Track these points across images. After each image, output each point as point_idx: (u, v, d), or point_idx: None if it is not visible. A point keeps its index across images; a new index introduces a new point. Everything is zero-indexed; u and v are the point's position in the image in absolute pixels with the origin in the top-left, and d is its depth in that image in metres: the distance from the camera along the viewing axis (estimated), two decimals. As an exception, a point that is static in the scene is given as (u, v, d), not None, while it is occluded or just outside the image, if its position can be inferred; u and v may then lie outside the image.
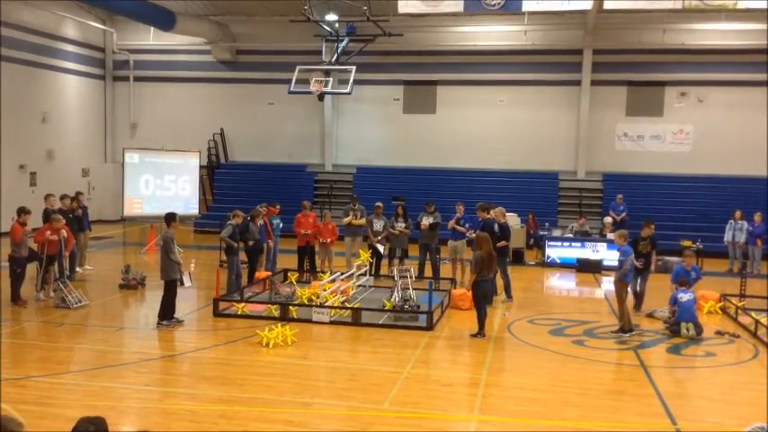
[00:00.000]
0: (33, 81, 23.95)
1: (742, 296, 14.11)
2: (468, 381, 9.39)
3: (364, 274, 14.97)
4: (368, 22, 18.60)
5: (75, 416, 4.47)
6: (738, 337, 11.88)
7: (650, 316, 13.08)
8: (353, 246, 16.44)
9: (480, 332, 11.34)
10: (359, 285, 14.57)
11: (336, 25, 20.56)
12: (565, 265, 18.90)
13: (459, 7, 20.31)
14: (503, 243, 13.98)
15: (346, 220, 16.55)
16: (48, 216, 14.18)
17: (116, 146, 27.76)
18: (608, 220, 20.47)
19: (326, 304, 12.53)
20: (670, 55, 24.17)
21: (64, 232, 13.46)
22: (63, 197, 15.84)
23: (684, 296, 12.10)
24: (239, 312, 12.39)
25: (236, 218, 14.35)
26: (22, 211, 13.18)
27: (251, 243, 14.66)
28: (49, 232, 13.14)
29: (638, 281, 13.62)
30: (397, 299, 12.75)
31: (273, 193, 21.92)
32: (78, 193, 16.94)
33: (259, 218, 15.24)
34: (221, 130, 27.47)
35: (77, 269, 15.91)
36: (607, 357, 10.63)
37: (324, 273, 15.56)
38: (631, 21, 23.34)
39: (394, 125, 26.56)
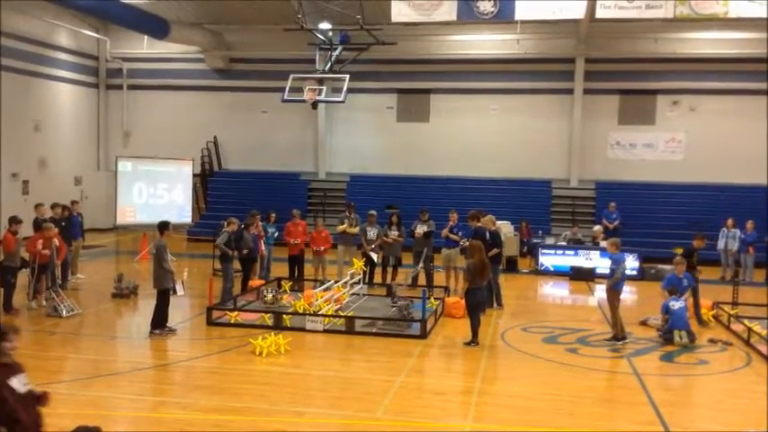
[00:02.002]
0: (26, 89, 23.90)
1: (734, 304, 14.13)
2: (462, 389, 9.39)
3: (358, 283, 14.96)
4: (361, 31, 18.63)
5: (67, 425, 4.46)
6: (731, 344, 11.91)
7: (644, 323, 13.10)
8: (346, 254, 16.42)
9: (474, 340, 11.34)
10: (352, 294, 14.55)
11: (330, 34, 20.55)
12: (558, 273, 18.93)
13: (453, 15, 20.37)
14: (494, 251, 13.99)
15: (341, 227, 16.53)
16: (38, 225, 14.12)
17: (109, 154, 27.68)
18: (597, 228, 20.51)
19: (320, 313, 12.52)
20: (662, 64, 24.31)
21: (56, 241, 13.41)
22: (54, 206, 15.79)
23: (676, 304, 12.13)
24: (232, 321, 12.35)
25: (231, 225, 14.33)
26: (14, 221, 13.12)
27: (245, 252, 14.65)
28: (40, 242, 13.09)
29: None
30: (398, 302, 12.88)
31: (267, 201, 21.86)
32: (73, 202, 16.91)
33: (253, 226, 15.23)
34: (215, 138, 27.45)
35: (69, 278, 15.84)
36: (600, 365, 10.65)
37: (320, 281, 15.55)
38: (623, 30, 23.47)
39: (387, 133, 26.60)
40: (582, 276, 18.28)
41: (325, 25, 21.00)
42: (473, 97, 25.90)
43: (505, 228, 18.97)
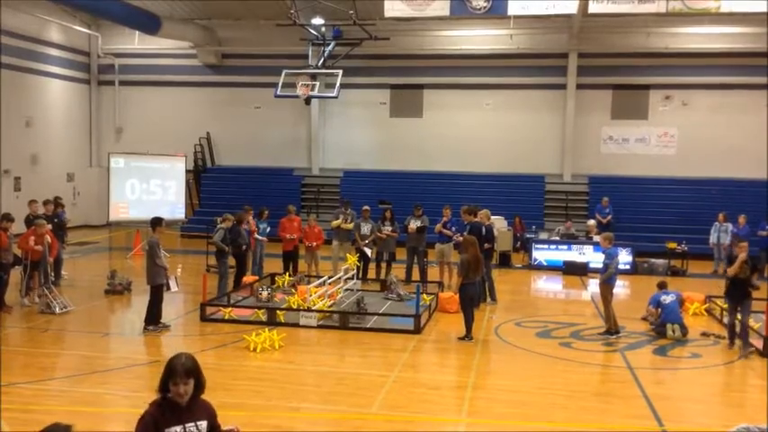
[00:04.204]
0: (17, 85, 23.74)
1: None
2: (456, 383, 9.40)
3: (352, 278, 14.96)
4: (354, 26, 18.64)
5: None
6: (724, 338, 11.94)
7: (644, 320, 13.04)
8: (341, 250, 16.41)
9: (468, 335, 11.36)
10: (346, 289, 14.55)
11: (323, 29, 20.54)
12: (551, 268, 18.97)
13: (445, 11, 20.37)
14: (486, 246, 13.99)
15: (335, 222, 16.52)
16: (30, 222, 14.05)
17: (101, 150, 27.57)
18: (591, 222, 20.56)
19: (314, 308, 12.51)
20: (654, 58, 24.36)
21: (48, 238, 13.34)
22: (46, 202, 15.72)
23: (667, 298, 12.17)
24: (226, 317, 12.34)
25: (227, 221, 14.31)
26: (5, 218, 13.05)
27: (244, 248, 14.65)
28: (32, 238, 13.02)
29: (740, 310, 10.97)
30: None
31: (260, 197, 21.85)
32: (57, 198, 16.76)
33: (245, 222, 15.21)
34: (207, 134, 27.38)
35: (63, 273, 15.78)
36: (594, 359, 10.67)
37: (312, 277, 15.56)
38: (616, 24, 23.50)
39: (381, 129, 26.58)
40: (575, 271, 18.33)
41: (317, 20, 20.94)
42: (466, 92, 25.89)
43: (499, 223, 19.01)
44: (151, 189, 21.90)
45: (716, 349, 11.39)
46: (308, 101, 19.86)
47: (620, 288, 15.68)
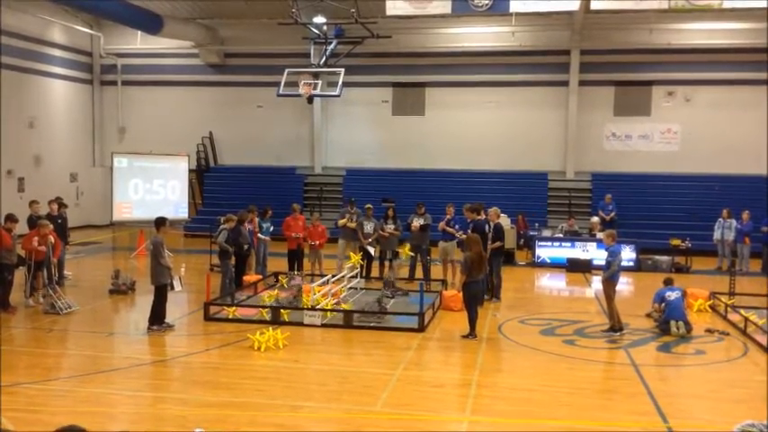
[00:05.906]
0: (20, 86, 23.80)
1: (731, 294, 14.19)
2: (460, 381, 9.41)
3: (355, 277, 14.96)
4: (356, 25, 18.60)
5: (65, 422, 4.45)
6: (728, 334, 11.94)
7: (648, 316, 13.02)
8: (347, 248, 16.42)
9: (471, 333, 11.36)
10: (350, 287, 14.56)
11: (324, 28, 20.49)
12: (555, 265, 18.96)
13: (447, 8, 20.34)
14: (497, 244, 13.98)
15: (342, 221, 16.54)
16: (33, 222, 14.08)
17: (104, 150, 27.65)
18: (595, 219, 20.54)
19: (318, 307, 12.52)
20: (657, 55, 24.32)
21: (51, 238, 13.37)
22: (51, 202, 15.76)
23: (672, 294, 12.15)
24: (230, 316, 12.35)
25: (230, 222, 14.32)
26: (9, 219, 13.09)
27: (246, 248, 14.65)
28: (36, 239, 13.05)
29: None
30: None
31: (263, 196, 21.84)
32: (58, 198, 16.80)
33: (248, 221, 15.22)
34: (210, 133, 27.40)
35: (66, 274, 15.79)
36: (598, 356, 10.67)
37: (318, 275, 15.56)
38: (618, 21, 23.47)
39: (383, 127, 26.58)
40: (579, 268, 18.31)
41: (319, 19, 20.89)
42: (468, 90, 25.87)
43: (503, 220, 18.95)
44: (154, 189, 21.93)
45: (720, 346, 11.38)
46: (310, 100, 19.81)
47: (624, 285, 15.66)
